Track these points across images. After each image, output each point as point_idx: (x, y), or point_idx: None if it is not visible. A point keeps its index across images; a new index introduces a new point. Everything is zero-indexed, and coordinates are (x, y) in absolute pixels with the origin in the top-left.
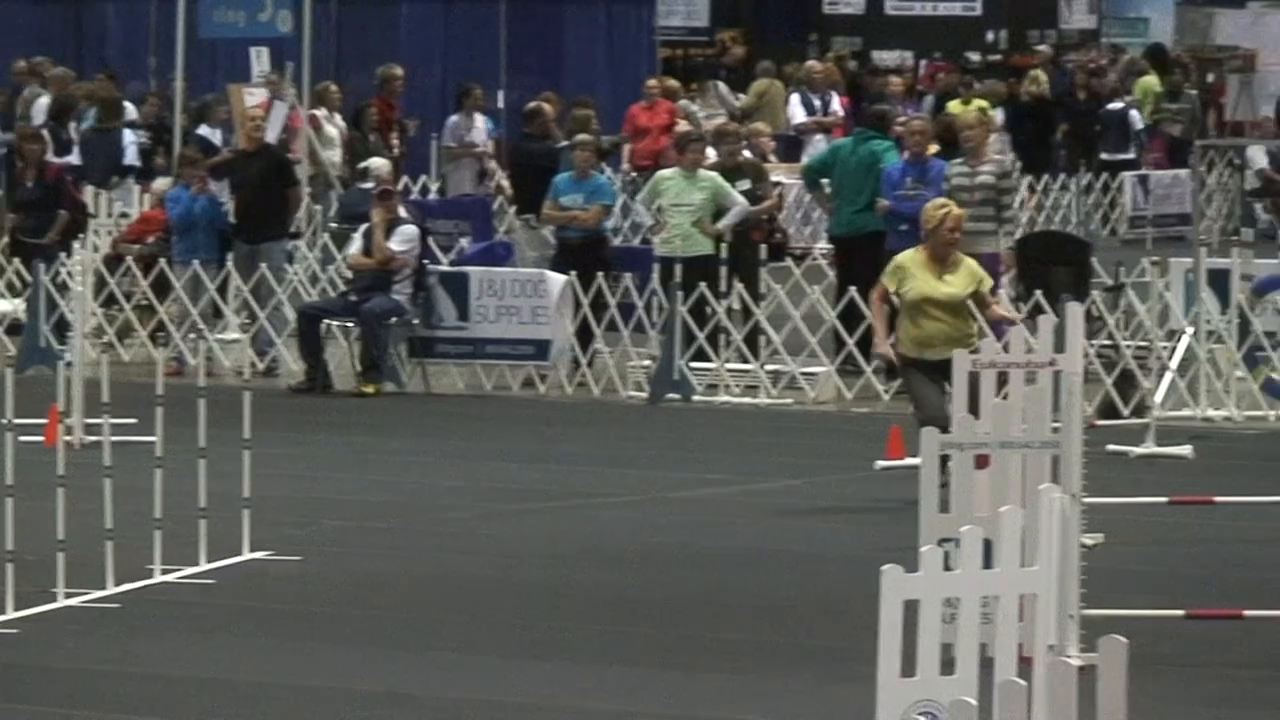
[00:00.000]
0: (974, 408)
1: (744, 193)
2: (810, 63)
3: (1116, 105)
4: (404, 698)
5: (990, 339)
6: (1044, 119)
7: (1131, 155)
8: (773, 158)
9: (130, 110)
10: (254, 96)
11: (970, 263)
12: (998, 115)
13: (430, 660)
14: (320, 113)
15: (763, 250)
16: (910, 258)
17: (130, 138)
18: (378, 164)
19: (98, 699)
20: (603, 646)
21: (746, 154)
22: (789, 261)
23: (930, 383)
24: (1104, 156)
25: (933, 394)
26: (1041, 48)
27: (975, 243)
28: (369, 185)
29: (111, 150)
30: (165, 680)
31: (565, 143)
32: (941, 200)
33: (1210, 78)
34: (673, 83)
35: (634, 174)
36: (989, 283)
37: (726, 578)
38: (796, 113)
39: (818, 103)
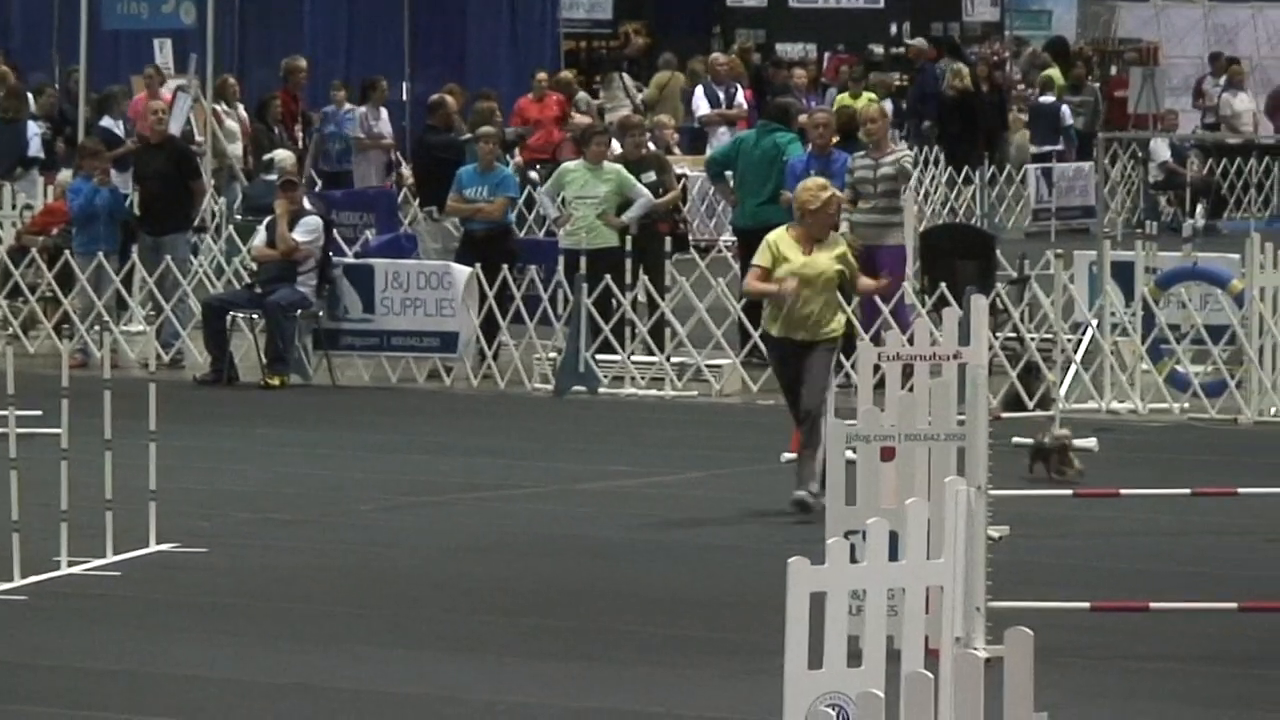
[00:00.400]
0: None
1: (648, 185)
2: (715, 55)
3: (1048, 99)
4: (311, 689)
5: (895, 330)
6: (969, 113)
7: (1060, 147)
8: (676, 150)
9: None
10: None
11: (841, 242)
12: (887, 106)
13: (338, 652)
14: (220, 107)
15: (667, 242)
16: (780, 237)
17: (34, 129)
18: (282, 155)
19: (6, 691)
20: (510, 639)
21: (651, 146)
22: (693, 254)
23: (794, 373)
24: (1034, 149)
25: (797, 385)
26: (913, 41)
27: (881, 235)
28: (273, 177)
29: (15, 142)
30: (74, 672)
31: (469, 135)
32: (821, 181)
33: (1114, 70)
34: (566, 74)
35: (536, 167)
36: (854, 263)
37: (633, 570)
38: (700, 105)
39: (722, 95)
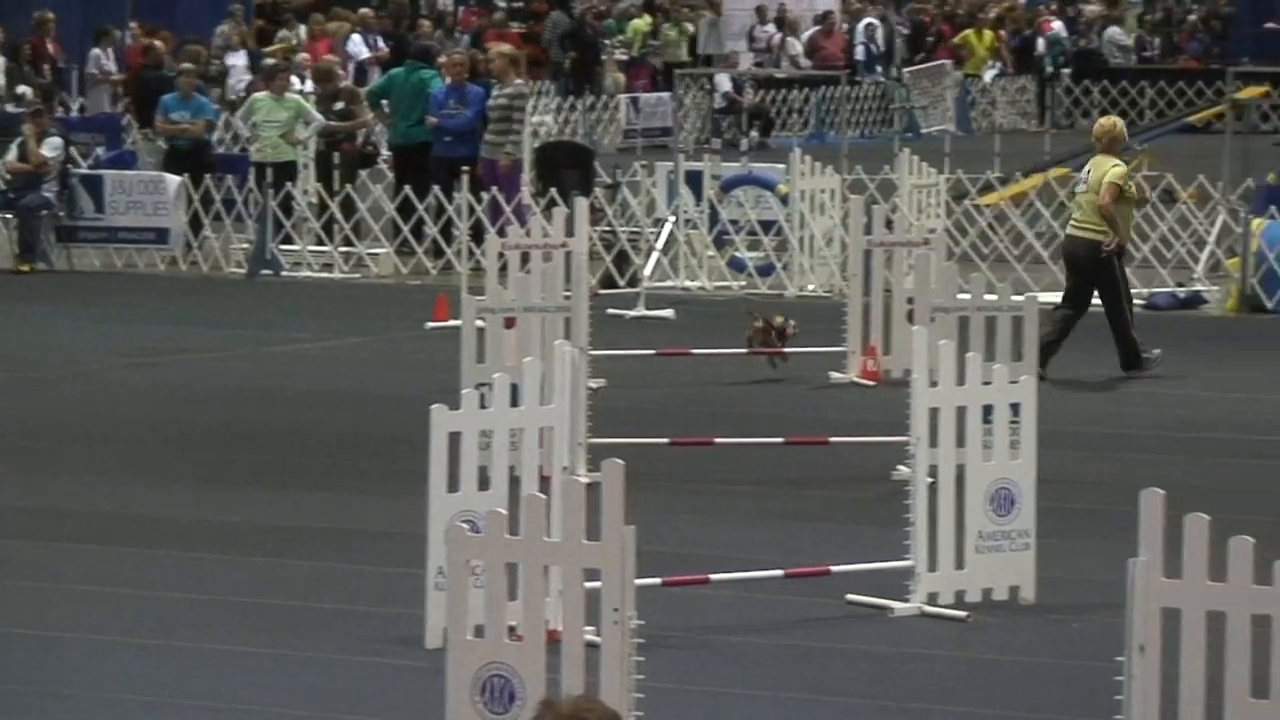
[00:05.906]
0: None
1: (338, 112)
2: (365, 11)
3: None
4: (58, 512)
5: (515, 225)
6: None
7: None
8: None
9: None
10: None
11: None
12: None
13: (75, 482)
14: None
15: (334, 158)
16: None
17: None
18: (25, 89)
19: None
20: (213, 470)
21: (347, 83)
22: (381, 165)
23: None
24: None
25: None
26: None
27: (495, 150)
28: (22, 108)
29: None
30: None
31: (175, 71)
32: None
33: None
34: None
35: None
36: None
37: (311, 414)
38: (361, 50)
39: (374, 41)
